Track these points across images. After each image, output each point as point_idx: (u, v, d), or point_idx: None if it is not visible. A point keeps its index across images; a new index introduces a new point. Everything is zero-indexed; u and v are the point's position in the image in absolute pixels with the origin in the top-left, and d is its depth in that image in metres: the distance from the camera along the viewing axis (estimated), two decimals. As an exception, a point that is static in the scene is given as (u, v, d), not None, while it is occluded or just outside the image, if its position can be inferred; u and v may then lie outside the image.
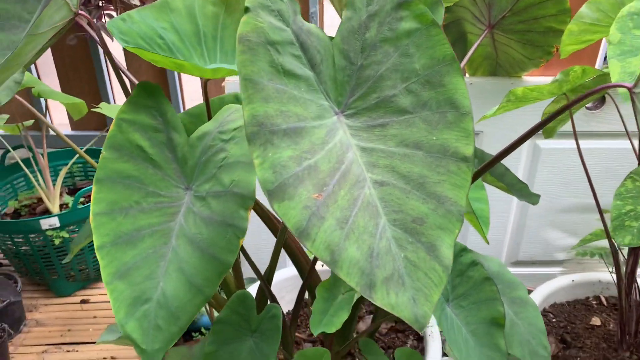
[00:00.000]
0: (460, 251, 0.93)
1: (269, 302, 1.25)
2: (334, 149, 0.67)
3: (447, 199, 0.68)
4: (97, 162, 1.19)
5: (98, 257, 0.76)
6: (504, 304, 1.04)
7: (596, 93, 0.78)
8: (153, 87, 0.79)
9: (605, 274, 1.62)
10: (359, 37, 0.69)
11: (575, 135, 1.11)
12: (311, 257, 1.18)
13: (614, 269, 1.29)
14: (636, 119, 0.73)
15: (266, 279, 1.18)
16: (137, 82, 0.99)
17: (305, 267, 1.23)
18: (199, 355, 1.17)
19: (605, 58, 1.65)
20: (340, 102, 0.70)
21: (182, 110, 1.78)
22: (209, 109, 0.90)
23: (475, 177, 0.96)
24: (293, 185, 0.62)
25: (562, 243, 1.84)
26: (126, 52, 1.51)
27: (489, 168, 0.95)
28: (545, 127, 1.38)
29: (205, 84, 0.89)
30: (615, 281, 1.56)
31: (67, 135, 1.76)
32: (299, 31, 0.66)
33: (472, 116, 0.69)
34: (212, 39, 0.90)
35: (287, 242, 1.16)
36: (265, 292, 1.12)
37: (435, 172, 0.69)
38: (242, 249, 1.12)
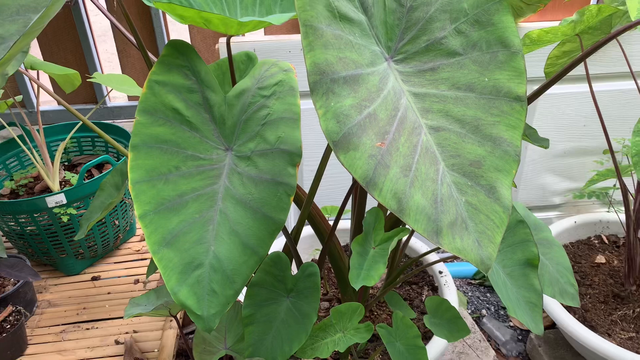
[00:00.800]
0: (496, 196, 0.94)
1: (293, 261, 1.25)
2: (389, 96, 0.65)
3: (503, 140, 0.68)
4: (106, 134, 1.15)
5: (141, 225, 0.73)
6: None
7: (631, 28, 0.78)
8: (184, 45, 0.75)
9: (605, 214, 1.67)
10: (408, -22, 0.67)
11: (589, 77, 1.11)
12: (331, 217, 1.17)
13: (624, 207, 1.32)
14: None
15: (293, 237, 1.17)
16: (131, 37, 0.95)
17: (324, 230, 1.23)
18: (226, 321, 1.16)
19: (598, 0, 1.66)
20: (389, 47, 0.68)
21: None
22: (232, 66, 0.87)
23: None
24: (357, 134, 0.60)
25: (558, 187, 1.87)
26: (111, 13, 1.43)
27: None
28: (547, 70, 1.38)
29: (228, 40, 0.85)
30: (622, 219, 1.61)
31: (54, 111, 1.69)
32: (351, -27, 0.63)
33: (523, 55, 0.68)
34: (232, -8, 0.86)
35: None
36: (292, 254, 1.11)
37: (489, 113, 0.68)
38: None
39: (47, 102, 1.77)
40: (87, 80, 1.39)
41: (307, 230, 1.57)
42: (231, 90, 0.76)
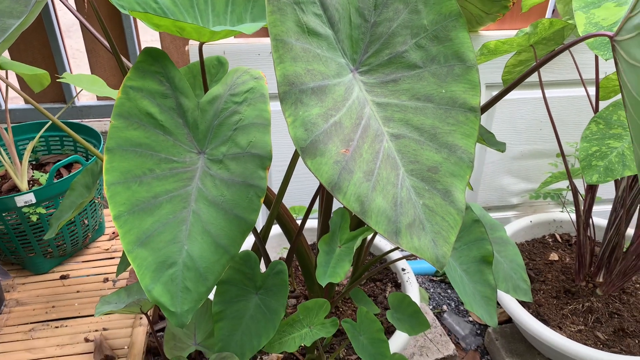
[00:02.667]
0: (453, 197, 1.00)
1: (262, 260, 1.29)
2: (353, 105, 0.70)
3: (458, 147, 0.73)
4: (76, 134, 1.16)
5: (116, 226, 0.76)
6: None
7: (579, 42, 0.84)
8: (159, 52, 0.78)
9: (559, 214, 1.76)
10: (372, -5, 0.71)
11: (542, 84, 1.18)
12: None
13: (574, 207, 1.41)
14: (617, 68, 0.80)
15: (262, 236, 1.21)
16: (105, 42, 0.97)
17: (292, 229, 1.27)
18: (195, 318, 1.19)
19: (554, 11, 1.75)
20: (355, 60, 0.73)
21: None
22: (203, 72, 0.90)
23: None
24: (323, 141, 0.65)
25: (516, 188, 1.96)
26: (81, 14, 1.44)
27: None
28: (504, 78, 1.46)
29: (200, 46, 0.89)
30: (573, 219, 1.70)
31: (22, 110, 1.68)
32: (319, -9, 0.68)
33: (477, 68, 0.74)
34: (204, 1, 0.89)
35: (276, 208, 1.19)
36: (261, 252, 1.15)
37: (446, 122, 0.73)
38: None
39: (15, 99, 1.76)
40: (57, 80, 1.40)
41: (276, 229, 1.61)
42: (204, 96, 0.80)
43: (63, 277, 1.41)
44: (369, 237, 1.47)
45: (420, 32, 0.73)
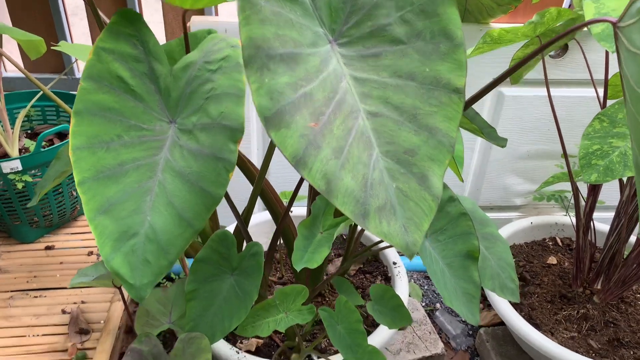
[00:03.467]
0: (440, 187, 0.95)
1: (245, 243, 1.25)
2: (328, 78, 0.66)
3: (439, 130, 0.69)
4: (66, 104, 1.14)
5: (79, 192, 0.74)
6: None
7: (577, 30, 0.80)
8: (133, 14, 0.75)
9: (561, 217, 1.70)
10: (355, -37, 0.67)
11: (547, 81, 1.13)
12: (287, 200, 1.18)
13: (574, 210, 1.35)
14: (619, 58, 0.75)
15: (243, 219, 1.18)
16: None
17: (279, 213, 1.24)
18: (172, 296, 1.16)
19: (570, 5, 1.68)
20: (334, 30, 0.69)
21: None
22: (187, 41, 0.87)
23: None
24: (290, 112, 0.61)
25: (520, 188, 1.91)
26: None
27: (467, 107, 0.96)
28: (513, 73, 1.40)
29: (183, 15, 0.86)
30: (573, 222, 1.65)
31: (20, 79, 1.67)
32: (295, -47, 0.64)
33: (465, 47, 0.70)
34: (191, -33, 0.86)
35: (263, 189, 1.16)
36: (242, 233, 1.12)
37: (427, 103, 0.69)
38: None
39: (14, 69, 1.74)
40: (52, 48, 1.38)
41: (267, 215, 1.58)
42: (178, 62, 0.77)
43: (48, 248, 1.39)
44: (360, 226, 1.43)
45: (406, 5, 0.69)
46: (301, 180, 1.11)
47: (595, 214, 1.88)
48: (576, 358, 1.22)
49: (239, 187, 1.72)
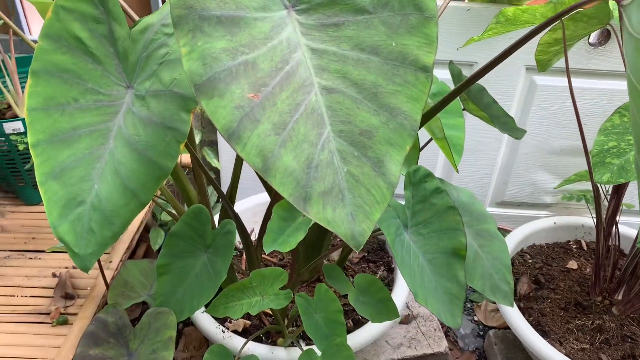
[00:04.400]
0: (425, 176, 0.88)
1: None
2: (279, 46, 0.61)
3: (401, 111, 0.62)
4: None
5: (32, 154, 0.72)
6: (468, 235, 1.00)
7: (579, 8, 0.70)
8: (94, -28, 0.72)
9: (589, 219, 1.58)
10: None
11: (568, 70, 1.03)
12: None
13: (595, 211, 1.24)
14: (621, 36, 0.66)
15: (228, 197, 1.15)
16: None
17: (271, 190, 1.20)
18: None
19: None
20: (291, -5, 0.63)
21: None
22: None
23: (452, 96, 0.90)
24: (225, 81, 0.56)
25: (550, 186, 1.79)
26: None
27: (467, 87, 0.87)
28: (538, 58, 1.29)
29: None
30: (595, 224, 1.53)
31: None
32: None
33: (437, 21, 0.63)
34: None
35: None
36: (229, 212, 1.08)
37: (390, 81, 0.63)
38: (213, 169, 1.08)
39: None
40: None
41: (265, 197, 1.54)
42: (137, 24, 0.73)
43: (52, 211, 1.41)
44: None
45: (373, -29, 0.62)
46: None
47: (625, 219, 1.74)
48: (580, 372, 1.13)
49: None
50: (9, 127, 1.24)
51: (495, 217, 1.87)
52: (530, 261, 1.49)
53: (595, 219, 1.26)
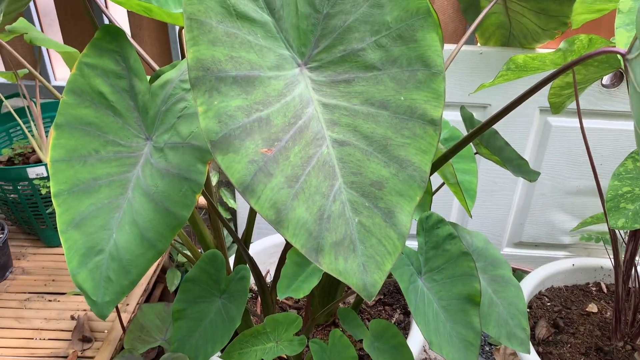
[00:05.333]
0: (437, 222, 0.89)
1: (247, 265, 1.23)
2: (292, 102, 0.63)
3: (410, 163, 0.64)
4: None
5: (55, 204, 0.74)
6: (483, 281, 1.00)
7: (588, 59, 0.72)
8: (117, 30, 0.75)
9: (608, 260, 1.56)
10: (325, -17, 0.64)
11: (579, 111, 1.04)
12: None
13: (613, 254, 1.23)
14: (628, 90, 0.67)
15: (243, 241, 1.16)
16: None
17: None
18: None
19: (627, 33, 1.55)
20: (303, 53, 0.65)
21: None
22: (183, 56, 0.87)
23: (464, 142, 0.91)
24: (240, 137, 0.58)
25: (568, 226, 1.77)
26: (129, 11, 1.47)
27: (479, 134, 0.88)
28: (551, 100, 1.31)
29: (180, 34, 0.85)
30: (613, 267, 1.50)
31: (59, 87, 1.74)
32: (256, -28, 0.61)
33: (444, 76, 0.64)
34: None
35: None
36: (244, 256, 1.10)
37: (400, 134, 0.64)
38: (232, 212, 1.10)
39: (65, 79, 1.83)
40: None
41: (278, 238, 1.55)
42: (157, 80, 0.76)
43: (72, 253, 1.44)
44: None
45: (382, 30, 0.64)
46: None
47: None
48: (601, 421, 1.10)
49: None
50: (33, 171, 1.28)
51: (513, 258, 1.86)
52: (548, 304, 1.47)
53: (613, 262, 1.24)
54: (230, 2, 0.59)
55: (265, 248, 1.54)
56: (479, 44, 1.58)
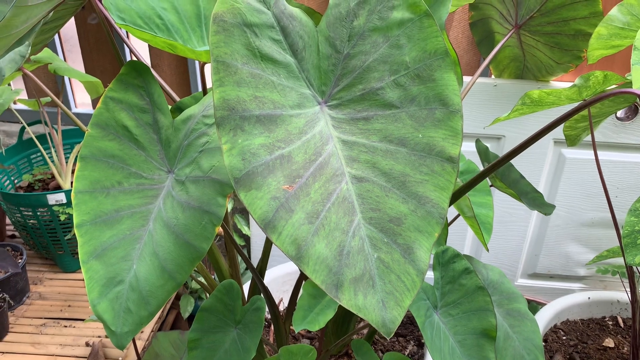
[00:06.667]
0: (453, 257, 0.89)
1: (261, 294, 1.24)
2: (313, 139, 0.64)
3: (429, 200, 0.64)
4: None
5: (77, 234, 0.76)
6: (499, 315, 1.00)
7: (604, 99, 0.73)
8: (142, 66, 0.78)
9: (625, 294, 1.54)
10: (347, 25, 0.66)
11: (594, 144, 1.05)
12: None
13: (630, 289, 1.22)
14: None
15: (258, 271, 1.17)
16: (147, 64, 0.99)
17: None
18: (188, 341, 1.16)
19: (641, 67, 1.56)
20: (324, 92, 0.67)
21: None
22: (205, 91, 0.89)
23: (480, 177, 0.92)
24: (262, 174, 0.60)
25: (583, 258, 1.76)
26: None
27: (494, 169, 0.90)
28: (566, 133, 1.31)
29: (202, 68, 0.88)
30: (630, 301, 1.49)
31: (86, 115, 1.78)
32: (280, 14, 0.63)
33: (462, 114, 0.66)
34: (213, 22, 0.88)
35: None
36: (258, 285, 1.10)
37: (418, 171, 0.65)
38: (247, 241, 1.11)
39: (85, 105, 1.87)
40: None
41: (292, 266, 1.56)
42: (180, 114, 0.78)
43: (87, 279, 1.45)
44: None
45: (401, 69, 0.66)
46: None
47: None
48: None
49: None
50: (52, 198, 1.30)
51: (528, 289, 1.84)
52: (564, 338, 1.46)
53: (630, 297, 1.23)
54: (255, 44, 0.61)
55: (278, 276, 1.54)
56: (493, 76, 1.59)
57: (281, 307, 1.55)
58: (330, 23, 0.66)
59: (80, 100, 1.86)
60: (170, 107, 0.86)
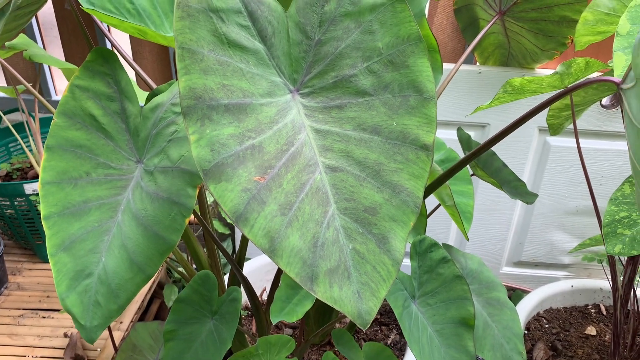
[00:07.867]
0: (431, 246, 0.88)
1: (241, 286, 1.22)
2: (284, 129, 0.62)
3: (404, 189, 0.63)
4: None
5: (45, 227, 0.74)
6: (478, 304, 0.99)
7: (582, 87, 0.71)
8: (109, 53, 0.75)
9: (606, 283, 1.55)
10: (317, 10, 0.64)
11: (576, 132, 1.04)
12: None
13: (611, 277, 1.22)
14: (623, 119, 0.67)
15: (237, 261, 1.15)
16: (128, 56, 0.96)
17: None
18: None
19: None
20: (295, 80, 0.65)
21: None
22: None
23: (460, 165, 0.91)
24: (232, 165, 0.58)
25: (567, 246, 1.76)
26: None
27: (475, 156, 0.88)
28: (549, 122, 1.30)
29: (174, 54, 0.85)
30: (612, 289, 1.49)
31: (55, 102, 1.75)
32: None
33: (436, 102, 0.64)
34: (186, 7, 0.86)
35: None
36: (237, 275, 1.09)
37: (392, 159, 0.64)
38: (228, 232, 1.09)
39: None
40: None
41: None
42: (148, 103, 0.76)
43: (67, 269, 1.43)
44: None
45: (374, 56, 0.64)
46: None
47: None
48: None
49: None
50: (29, 187, 1.27)
51: (512, 277, 1.84)
52: (547, 326, 1.46)
53: (612, 285, 1.23)
54: (222, 30, 0.59)
55: (261, 265, 1.53)
56: (477, 64, 1.57)
57: (265, 297, 1.54)
58: (300, 8, 0.64)
59: (61, 87, 1.82)
60: (147, 95, 0.84)
